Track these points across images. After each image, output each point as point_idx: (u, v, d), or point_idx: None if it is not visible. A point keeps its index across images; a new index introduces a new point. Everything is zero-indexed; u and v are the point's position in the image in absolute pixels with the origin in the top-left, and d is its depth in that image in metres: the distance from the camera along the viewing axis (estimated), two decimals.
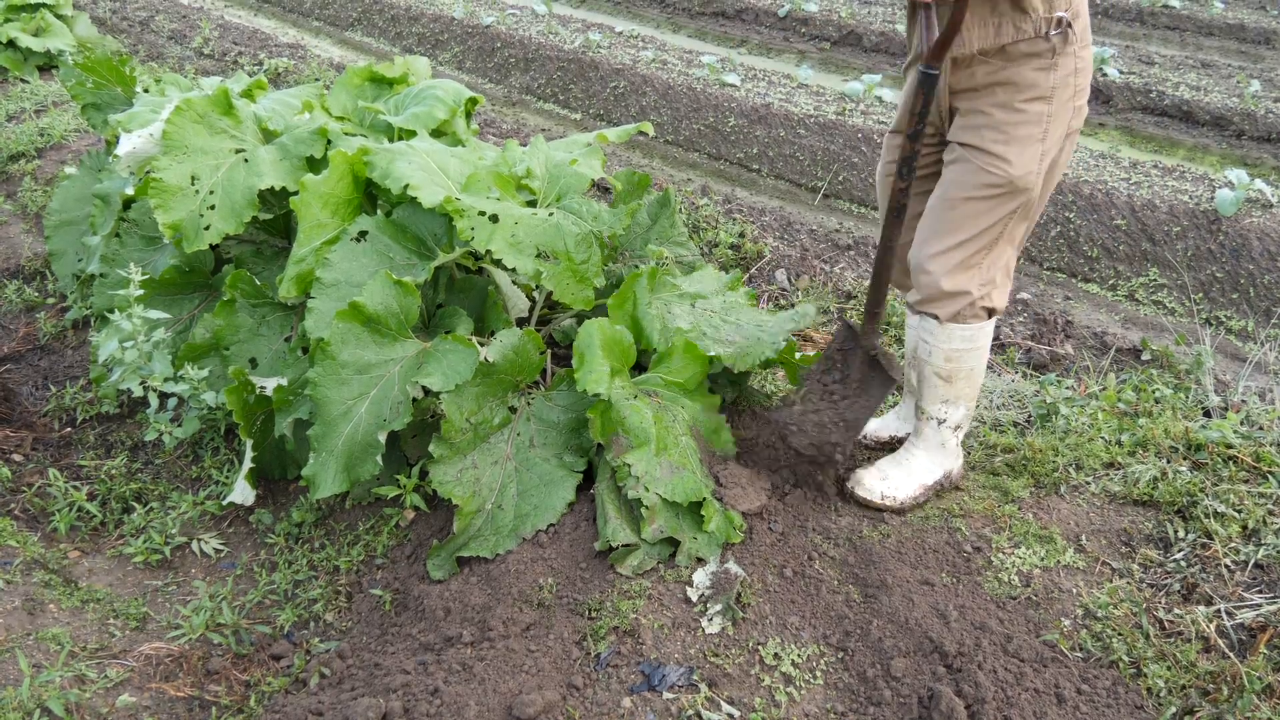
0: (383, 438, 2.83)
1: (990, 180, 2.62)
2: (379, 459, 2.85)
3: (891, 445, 3.34)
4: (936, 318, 2.78)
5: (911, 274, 2.81)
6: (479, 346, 2.88)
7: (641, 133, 3.31)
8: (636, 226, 3.62)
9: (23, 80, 7.75)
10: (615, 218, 3.14)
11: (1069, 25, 2.50)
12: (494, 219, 3.00)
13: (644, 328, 3.18)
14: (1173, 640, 2.53)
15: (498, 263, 3.07)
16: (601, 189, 5.54)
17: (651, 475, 2.80)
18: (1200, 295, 5.04)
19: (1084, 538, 2.90)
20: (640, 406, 2.90)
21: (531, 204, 3.42)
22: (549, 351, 3.21)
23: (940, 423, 2.97)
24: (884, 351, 2.90)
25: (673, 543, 2.80)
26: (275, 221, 3.76)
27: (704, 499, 2.81)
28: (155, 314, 3.39)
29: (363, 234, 3.14)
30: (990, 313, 2.80)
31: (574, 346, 2.94)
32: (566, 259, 3.05)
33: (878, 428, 3.37)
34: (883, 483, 2.97)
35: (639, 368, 3.18)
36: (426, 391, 2.89)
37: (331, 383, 2.89)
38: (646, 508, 2.77)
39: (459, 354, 2.87)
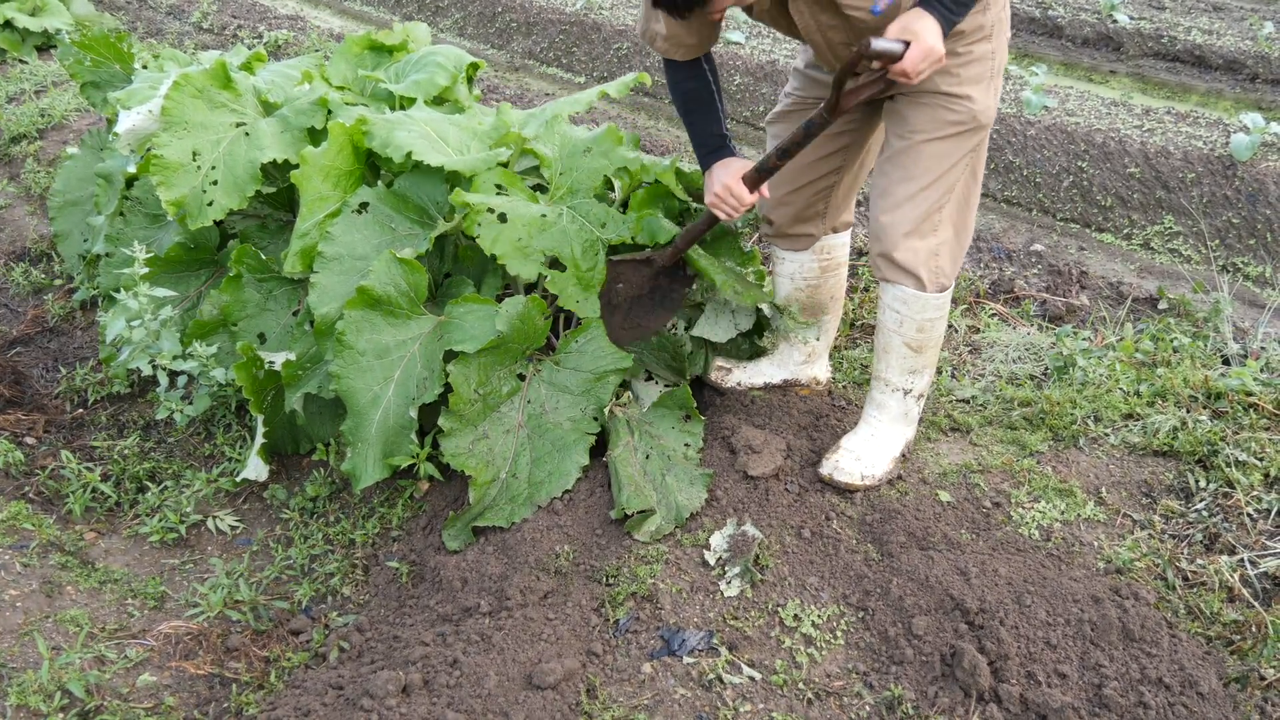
0: (414, 414, 2.83)
1: (953, 118, 2.57)
2: (413, 436, 2.86)
3: (768, 389, 3.34)
4: (920, 287, 2.69)
5: (876, 240, 2.69)
6: (496, 303, 2.87)
7: (640, 84, 3.24)
8: None
9: (21, 61, 7.69)
10: (625, 224, 3.07)
11: None
12: (502, 218, 2.93)
13: None
14: (1196, 590, 2.51)
15: (503, 269, 3.02)
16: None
17: (731, 286, 3.06)
18: (1216, 242, 4.97)
19: (1104, 490, 2.87)
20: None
21: (538, 189, 3.31)
22: (554, 316, 3.18)
23: (906, 393, 2.90)
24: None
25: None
26: (279, 195, 3.72)
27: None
28: (162, 292, 3.37)
29: (364, 205, 3.10)
30: (950, 280, 2.75)
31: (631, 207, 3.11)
32: (573, 266, 2.99)
33: (751, 374, 3.33)
34: (859, 464, 2.88)
35: None
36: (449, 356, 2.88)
37: (354, 372, 2.87)
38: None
39: (475, 315, 2.88)
